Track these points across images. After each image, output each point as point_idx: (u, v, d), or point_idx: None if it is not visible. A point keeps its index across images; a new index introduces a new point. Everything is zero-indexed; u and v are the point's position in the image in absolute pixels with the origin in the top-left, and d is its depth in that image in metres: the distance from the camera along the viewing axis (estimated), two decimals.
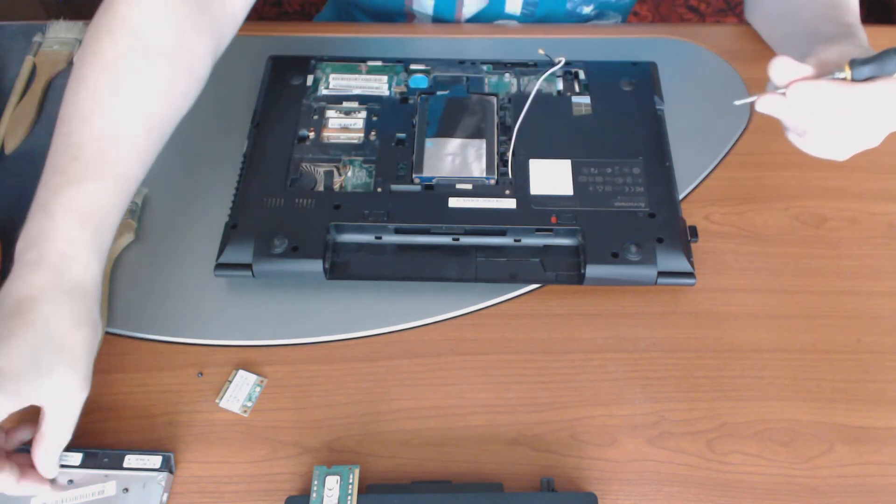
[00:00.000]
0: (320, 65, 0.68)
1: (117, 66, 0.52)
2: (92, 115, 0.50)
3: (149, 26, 0.53)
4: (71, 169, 0.49)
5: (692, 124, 0.67)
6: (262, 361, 0.56)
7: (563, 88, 0.66)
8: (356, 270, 0.58)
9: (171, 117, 0.55)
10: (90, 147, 0.50)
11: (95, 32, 0.53)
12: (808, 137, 0.52)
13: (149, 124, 0.53)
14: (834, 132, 0.51)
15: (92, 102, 0.51)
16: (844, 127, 0.50)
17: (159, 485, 0.49)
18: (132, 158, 0.52)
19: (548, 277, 0.58)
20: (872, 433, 0.53)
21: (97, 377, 0.55)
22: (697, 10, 1.45)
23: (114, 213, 0.50)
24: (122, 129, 0.51)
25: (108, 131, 0.51)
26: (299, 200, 0.59)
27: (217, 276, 0.57)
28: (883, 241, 0.61)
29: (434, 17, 0.79)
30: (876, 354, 0.56)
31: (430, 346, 0.56)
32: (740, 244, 0.61)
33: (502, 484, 0.49)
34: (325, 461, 0.51)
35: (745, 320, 0.57)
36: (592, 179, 0.60)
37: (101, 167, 0.50)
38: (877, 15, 1.44)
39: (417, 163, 0.61)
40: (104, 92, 0.51)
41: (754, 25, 0.74)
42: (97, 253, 0.49)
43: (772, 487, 0.51)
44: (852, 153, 0.53)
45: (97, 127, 0.50)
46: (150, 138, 0.53)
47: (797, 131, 0.52)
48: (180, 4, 0.54)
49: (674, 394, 0.54)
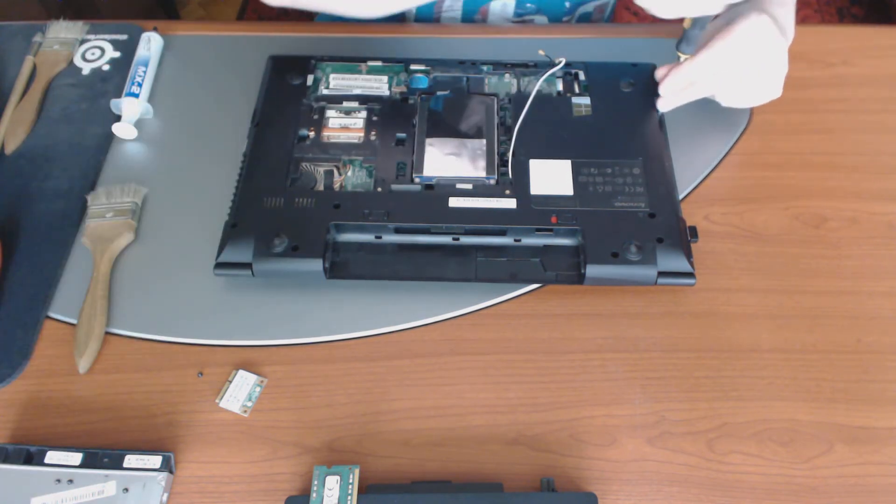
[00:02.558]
0: (320, 65, 0.68)
1: None
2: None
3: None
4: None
5: (692, 124, 0.67)
6: (262, 361, 0.56)
7: (563, 89, 0.66)
8: (356, 270, 0.58)
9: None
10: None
11: None
12: (717, 96, 0.64)
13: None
14: (717, 89, 0.63)
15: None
16: (717, 84, 0.62)
17: (159, 485, 0.49)
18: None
19: (548, 277, 0.58)
20: (872, 433, 0.53)
21: (97, 377, 0.55)
22: None
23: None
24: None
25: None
26: (299, 200, 0.59)
27: (217, 275, 0.57)
28: (883, 241, 0.61)
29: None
30: (876, 354, 0.56)
31: (430, 346, 0.56)
32: (740, 244, 0.61)
33: (502, 484, 0.49)
34: (325, 461, 0.51)
35: (745, 320, 0.58)
36: (592, 179, 0.60)
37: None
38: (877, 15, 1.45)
39: (417, 163, 0.61)
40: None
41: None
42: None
43: (772, 487, 0.51)
44: (759, 102, 0.64)
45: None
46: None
47: (677, 90, 0.64)
48: None
49: (674, 394, 0.54)
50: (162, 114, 0.69)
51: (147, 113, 0.68)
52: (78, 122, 0.68)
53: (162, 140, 0.67)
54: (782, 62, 0.61)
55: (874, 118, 0.68)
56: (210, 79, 0.71)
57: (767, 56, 0.60)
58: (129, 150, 0.66)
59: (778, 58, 0.61)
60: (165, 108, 0.69)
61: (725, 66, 0.60)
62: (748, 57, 0.60)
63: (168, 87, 0.71)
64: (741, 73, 0.61)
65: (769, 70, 0.61)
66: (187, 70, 0.70)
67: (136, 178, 0.64)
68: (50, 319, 0.57)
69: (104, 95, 0.69)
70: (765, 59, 0.60)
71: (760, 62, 0.60)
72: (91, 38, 0.74)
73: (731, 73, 0.61)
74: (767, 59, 0.60)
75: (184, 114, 0.69)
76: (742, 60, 0.60)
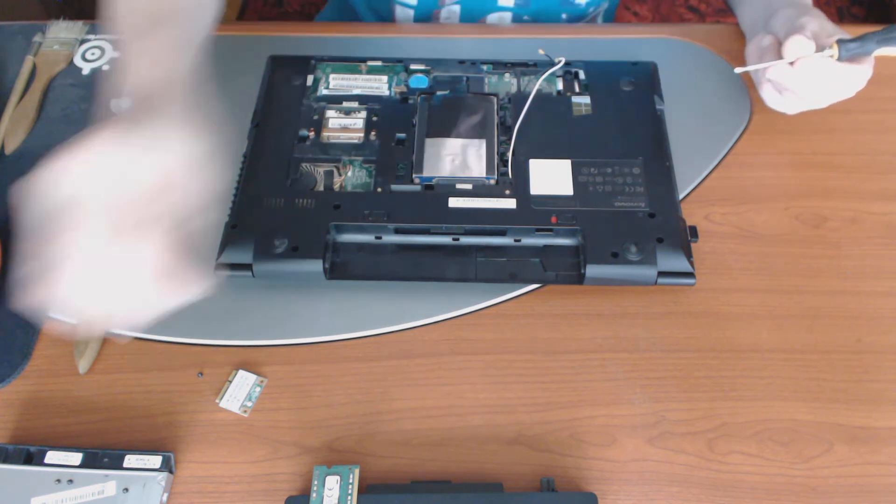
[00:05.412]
0: (320, 65, 0.68)
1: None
2: None
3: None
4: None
5: (692, 124, 0.67)
6: (262, 361, 0.56)
7: (563, 88, 0.66)
8: (356, 270, 0.58)
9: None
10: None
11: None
12: (787, 95, 0.63)
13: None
14: (810, 96, 0.62)
15: None
16: (820, 93, 0.62)
17: (159, 485, 0.49)
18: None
19: (548, 277, 0.58)
20: (872, 433, 0.53)
21: (97, 377, 0.55)
22: (697, 10, 1.45)
23: None
24: None
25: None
26: (299, 200, 0.59)
27: (217, 276, 0.57)
28: (883, 241, 0.61)
29: (417, 6, 0.79)
30: (876, 354, 0.56)
31: (430, 346, 0.56)
32: (740, 244, 0.61)
33: (502, 484, 0.49)
34: (325, 461, 0.51)
35: (745, 320, 0.58)
36: (592, 179, 0.60)
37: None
38: (877, 15, 1.45)
39: (417, 163, 0.61)
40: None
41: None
42: None
43: (772, 487, 0.51)
44: (802, 110, 0.64)
45: None
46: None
47: (780, 89, 0.62)
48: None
49: (674, 394, 0.54)
50: None
51: None
52: (78, 122, 0.68)
53: None
54: None
55: (874, 118, 0.68)
56: (210, 79, 0.71)
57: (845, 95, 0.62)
58: None
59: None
60: None
61: (848, 86, 0.61)
62: (844, 93, 0.62)
63: None
64: (841, 96, 0.62)
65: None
66: None
67: None
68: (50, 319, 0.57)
69: (104, 95, 0.69)
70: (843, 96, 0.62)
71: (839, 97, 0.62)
72: (91, 38, 0.74)
73: (840, 92, 0.62)
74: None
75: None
76: (841, 94, 0.62)
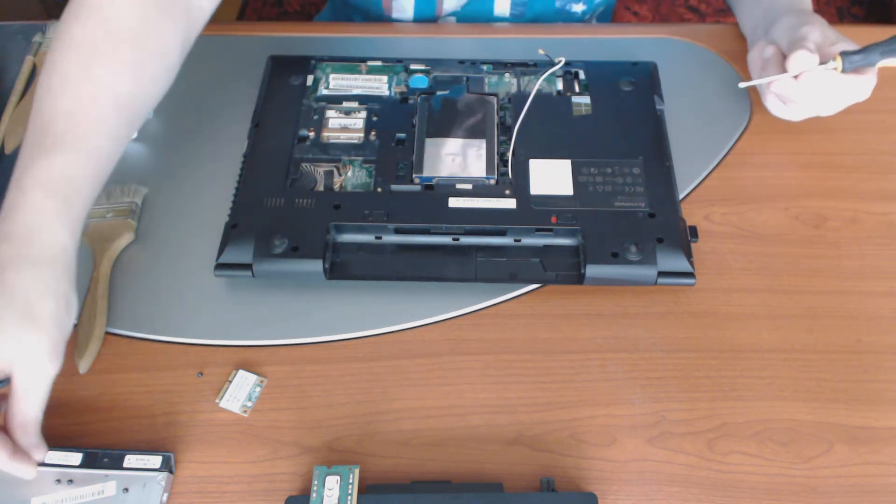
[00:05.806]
0: (320, 65, 0.68)
1: (84, 48, 0.53)
2: (62, 94, 0.52)
3: (115, 11, 0.54)
4: (41, 143, 0.50)
5: (692, 124, 0.67)
6: (262, 361, 0.56)
7: (563, 88, 0.66)
8: (356, 270, 0.58)
9: (142, 99, 0.56)
10: (59, 122, 0.51)
11: (66, 18, 0.54)
12: (792, 106, 0.63)
13: (119, 103, 0.54)
14: (814, 106, 0.63)
15: (61, 83, 0.52)
16: (823, 103, 0.62)
17: (159, 485, 0.49)
18: (102, 134, 0.52)
19: (548, 277, 0.58)
20: (872, 433, 0.53)
21: (97, 377, 0.55)
22: (697, 10, 1.45)
23: (85, 186, 0.51)
24: (91, 106, 0.52)
25: (77, 108, 0.52)
26: (299, 200, 0.59)
27: (217, 276, 0.57)
28: (883, 241, 0.61)
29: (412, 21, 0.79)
30: (876, 354, 0.56)
31: (430, 346, 0.56)
32: (740, 244, 0.61)
33: (502, 484, 0.49)
34: (325, 461, 0.51)
35: (745, 320, 0.57)
36: (592, 179, 0.60)
37: (70, 140, 0.51)
38: (877, 15, 1.45)
39: (417, 163, 0.61)
40: (72, 73, 0.52)
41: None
42: (67, 224, 0.49)
43: (772, 487, 0.51)
44: (806, 118, 0.65)
45: (66, 104, 0.51)
46: (120, 117, 0.54)
47: (784, 101, 0.63)
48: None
49: (674, 394, 0.54)
50: (162, 114, 0.69)
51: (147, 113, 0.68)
52: None
53: (162, 140, 0.67)
54: None
55: (874, 118, 0.68)
56: (210, 79, 0.71)
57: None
58: (129, 150, 0.66)
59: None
60: (165, 108, 0.69)
61: (851, 96, 0.62)
62: (847, 103, 0.63)
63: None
64: (846, 105, 0.63)
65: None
66: (187, 70, 0.70)
67: (136, 178, 0.64)
68: None
69: None
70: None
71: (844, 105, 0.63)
72: None
73: (844, 102, 0.62)
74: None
75: (184, 114, 0.69)
76: (845, 104, 0.63)
